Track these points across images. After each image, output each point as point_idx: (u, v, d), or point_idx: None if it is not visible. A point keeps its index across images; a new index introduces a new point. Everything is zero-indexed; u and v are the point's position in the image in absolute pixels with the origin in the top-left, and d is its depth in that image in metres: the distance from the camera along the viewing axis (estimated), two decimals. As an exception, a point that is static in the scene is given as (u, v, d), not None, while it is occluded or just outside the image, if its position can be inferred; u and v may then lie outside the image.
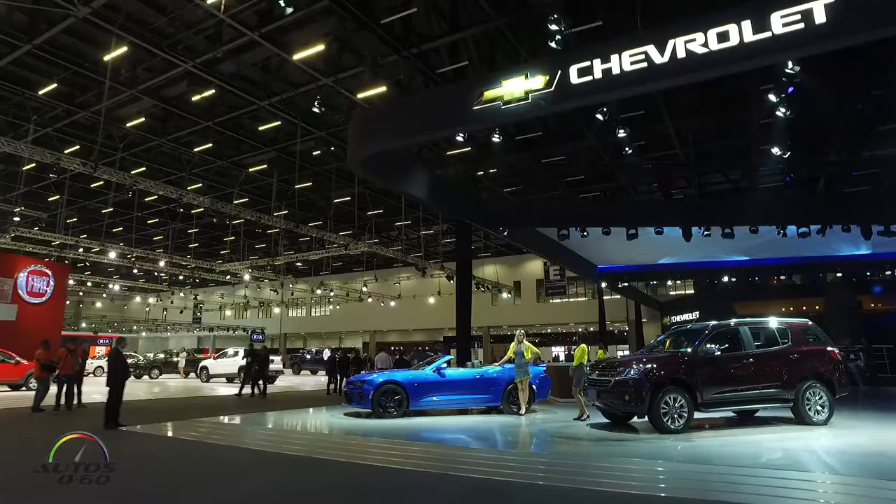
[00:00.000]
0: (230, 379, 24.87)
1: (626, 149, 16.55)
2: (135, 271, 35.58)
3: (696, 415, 9.56)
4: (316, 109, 15.91)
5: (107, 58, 16.05)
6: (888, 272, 27.03)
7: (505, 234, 19.40)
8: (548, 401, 13.89)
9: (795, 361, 10.07)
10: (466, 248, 18.85)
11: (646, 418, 9.49)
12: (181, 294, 52.27)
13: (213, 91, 18.45)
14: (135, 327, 53.64)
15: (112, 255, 29.81)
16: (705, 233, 19.63)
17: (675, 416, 9.26)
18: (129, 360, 31.55)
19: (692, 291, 39.96)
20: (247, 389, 16.94)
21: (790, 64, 10.86)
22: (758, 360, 9.92)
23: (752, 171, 19.41)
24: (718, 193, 21.83)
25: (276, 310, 52.31)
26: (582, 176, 23.02)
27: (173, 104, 20.13)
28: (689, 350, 9.79)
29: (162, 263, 33.32)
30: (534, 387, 12.66)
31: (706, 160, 20.11)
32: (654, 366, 9.49)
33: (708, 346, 9.72)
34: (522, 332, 12.88)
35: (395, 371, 13.31)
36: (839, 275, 27.37)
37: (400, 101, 16.20)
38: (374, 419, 11.72)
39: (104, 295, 50.77)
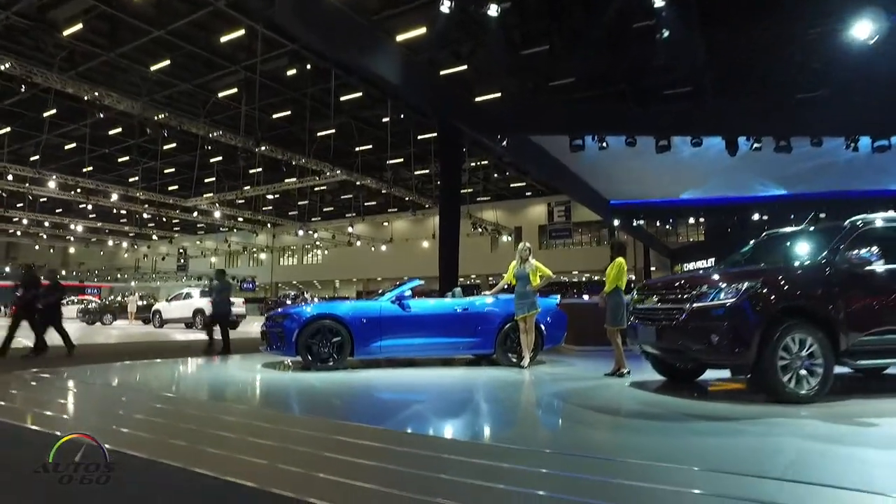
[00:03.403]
0: (188, 325, 20.66)
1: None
2: (88, 207, 30.93)
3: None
4: None
5: None
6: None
7: (503, 144, 14.78)
8: (558, 348, 9.49)
9: None
10: (454, 157, 14.30)
11: (739, 375, 5.18)
12: (169, 241, 48.03)
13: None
14: (118, 276, 49.39)
15: (51, 184, 25.20)
16: (755, 145, 14.96)
17: (804, 372, 4.91)
18: (80, 305, 27.56)
19: (703, 239, 35.59)
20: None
21: None
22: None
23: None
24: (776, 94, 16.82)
25: (263, 256, 48.05)
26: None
27: (113, 5, 15.68)
28: (819, 260, 5.33)
29: (115, 197, 28.69)
30: (542, 327, 8.27)
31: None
32: (765, 285, 5.06)
33: (856, 253, 5.24)
34: (528, 245, 8.41)
35: (333, 302, 8.79)
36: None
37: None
38: (300, 372, 7.46)
39: (70, 238, 46.23)
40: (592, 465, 3.16)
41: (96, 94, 17.76)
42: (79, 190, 29.10)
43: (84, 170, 31.46)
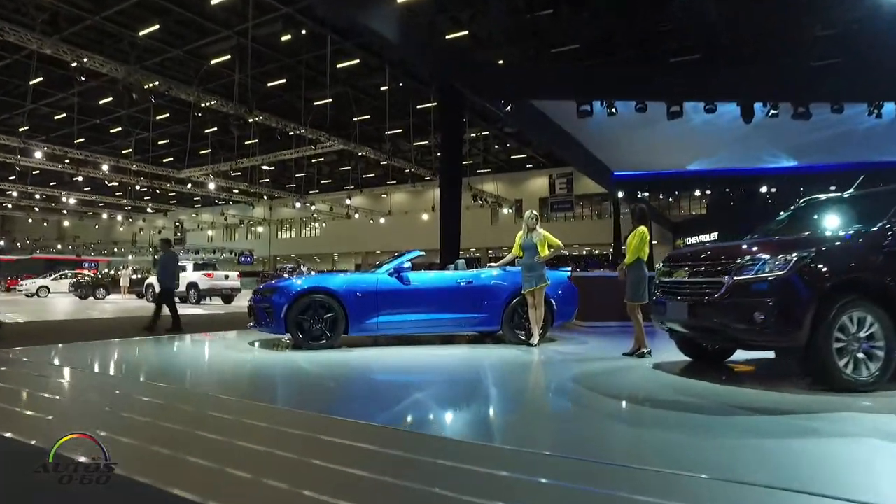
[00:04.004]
0: (182, 298, 19.99)
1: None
2: (79, 179, 30.00)
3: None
4: None
5: None
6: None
7: (507, 109, 13.92)
8: (565, 324, 8.81)
9: None
10: (455, 124, 13.46)
11: (787, 358, 4.51)
12: (164, 215, 47.14)
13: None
14: (115, 249, 48.57)
15: (38, 155, 24.25)
16: (772, 112, 14.11)
17: (861, 356, 4.24)
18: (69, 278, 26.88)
19: (705, 212, 34.86)
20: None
21: None
22: None
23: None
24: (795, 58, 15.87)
25: (261, 229, 47.25)
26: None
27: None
28: (884, 227, 4.60)
29: (106, 168, 27.75)
30: (553, 302, 7.60)
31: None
32: (819, 256, 4.35)
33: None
34: (535, 213, 7.68)
35: (326, 275, 8.07)
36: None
37: None
38: (290, 351, 6.80)
39: (64, 211, 45.28)
40: (631, 476, 2.49)
41: (77, 56, 16.72)
42: (68, 161, 28.15)
43: (76, 141, 30.60)
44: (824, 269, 4.29)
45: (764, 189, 22.53)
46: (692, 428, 3.39)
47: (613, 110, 14.15)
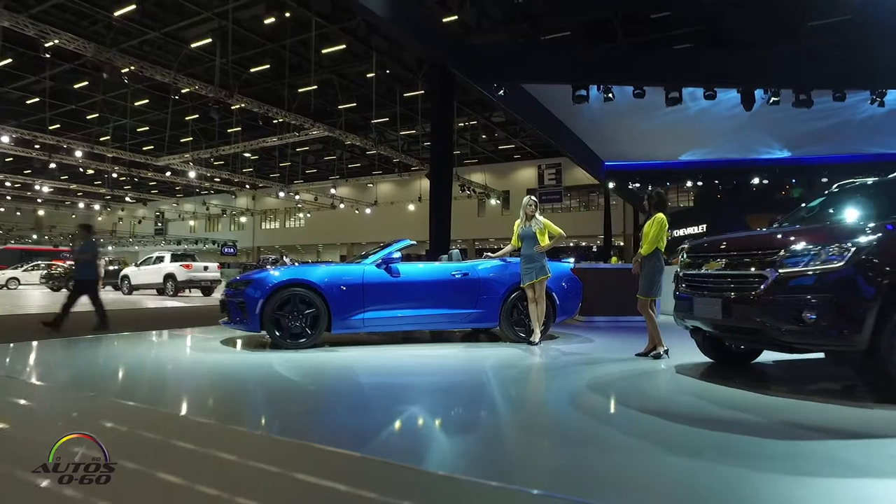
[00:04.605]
0: (160, 290, 19.09)
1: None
2: (52, 166, 28.64)
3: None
4: None
5: None
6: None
7: (500, 93, 13.20)
8: (569, 321, 8.14)
9: None
10: (445, 108, 12.72)
11: (844, 363, 3.88)
12: (144, 204, 45.77)
13: None
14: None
15: (5, 139, 23.03)
16: (773, 99, 13.55)
17: (931, 362, 3.61)
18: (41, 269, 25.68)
19: (692, 205, 34.46)
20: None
21: None
22: None
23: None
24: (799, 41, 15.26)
25: (244, 219, 46.12)
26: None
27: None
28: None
29: (79, 154, 26.54)
30: (555, 296, 6.94)
31: None
32: (882, 246, 3.70)
33: None
34: (533, 198, 6.95)
35: (306, 266, 7.27)
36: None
37: None
38: (264, 351, 6.04)
39: (39, 200, 43.68)
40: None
41: (41, 31, 15.54)
42: (38, 147, 26.91)
43: (50, 128, 29.30)
44: (888, 262, 3.64)
45: (756, 181, 22.06)
46: (768, 461, 2.62)
47: (610, 95, 13.51)
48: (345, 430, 3.16)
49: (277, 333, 5.95)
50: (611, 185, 23.65)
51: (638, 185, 23.45)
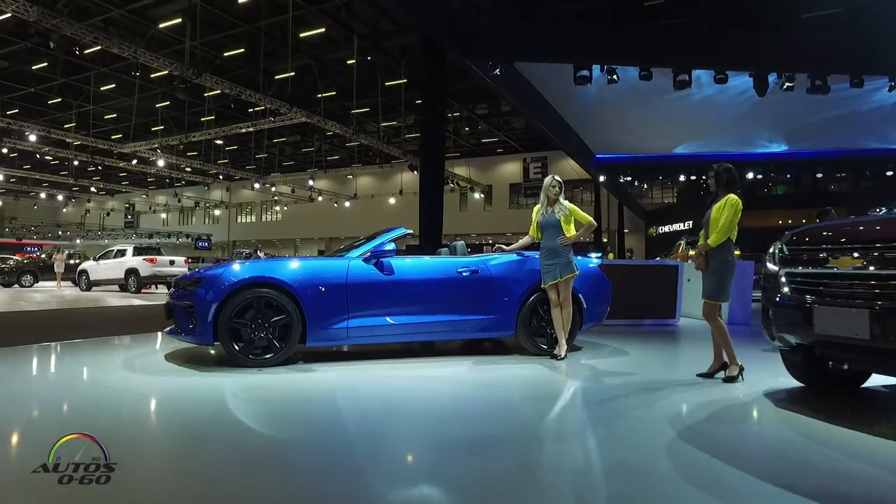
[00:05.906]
0: (122, 287, 17.39)
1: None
2: (5, 151, 26.50)
3: None
4: None
5: None
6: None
7: (496, 72, 11.86)
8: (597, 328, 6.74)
9: None
10: (436, 84, 11.35)
11: None
12: (112, 196, 43.40)
13: None
14: (60, 233, 44.43)
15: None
16: (787, 85, 12.47)
17: None
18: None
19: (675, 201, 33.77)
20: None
21: None
22: None
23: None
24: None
25: (219, 212, 44.11)
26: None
27: None
28: None
29: (33, 138, 24.50)
30: (581, 299, 5.62)
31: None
32: None
33: None
34: (557, 179, 5.50)
35: (273, 260, 5.63)
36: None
37: None
38: (219, 371, 4.56)
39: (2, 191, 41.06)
40: None
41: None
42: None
43: (8, 112, 27.11)
44: None
45: (750, 175, 21.16)
46: None
47: (615, 77, 12.28)
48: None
49: (237, 347, 4.54)
50: (601, 178, 22.51)
51: (629, 178, 22.39)
